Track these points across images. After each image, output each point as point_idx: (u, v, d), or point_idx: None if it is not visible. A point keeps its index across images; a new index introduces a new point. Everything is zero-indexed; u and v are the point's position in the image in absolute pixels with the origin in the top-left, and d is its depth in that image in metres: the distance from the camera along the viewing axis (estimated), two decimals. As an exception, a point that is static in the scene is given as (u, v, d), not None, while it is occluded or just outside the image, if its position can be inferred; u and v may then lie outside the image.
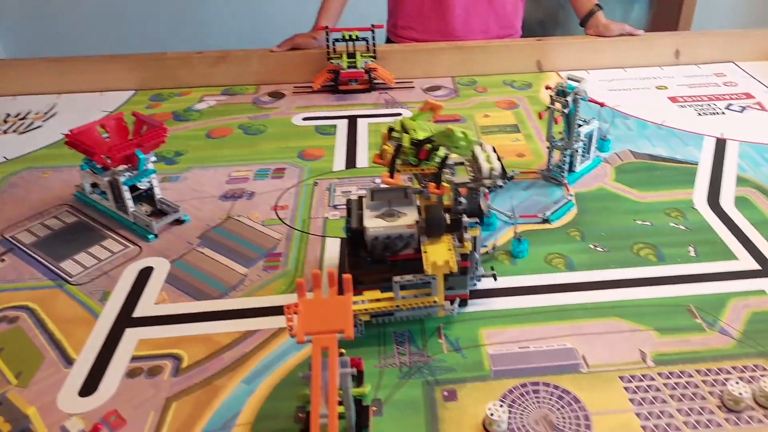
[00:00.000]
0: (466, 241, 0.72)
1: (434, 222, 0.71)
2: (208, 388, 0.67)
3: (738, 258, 0.85)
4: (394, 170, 0.74)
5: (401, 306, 0.70)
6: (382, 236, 0.71)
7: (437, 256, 0.68)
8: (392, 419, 0.63)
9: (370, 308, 0.70)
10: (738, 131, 1.18)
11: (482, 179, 0.74)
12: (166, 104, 1.32)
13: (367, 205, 0.75)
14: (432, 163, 0.73)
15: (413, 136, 0.72)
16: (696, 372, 0.68)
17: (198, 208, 0.97)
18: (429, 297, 0.70)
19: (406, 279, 0.69)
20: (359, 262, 0.73)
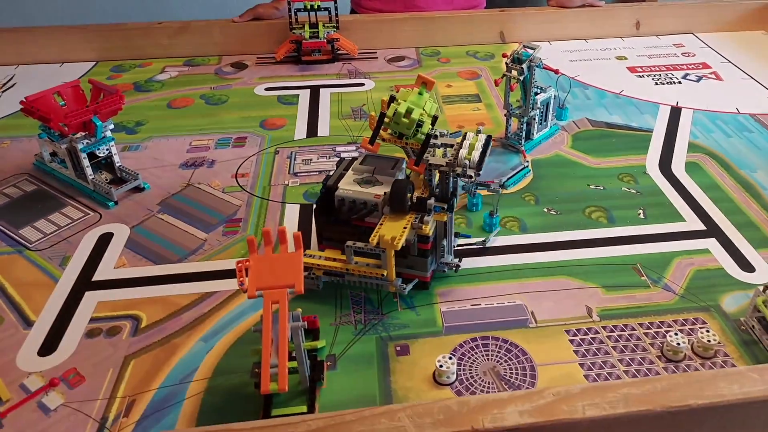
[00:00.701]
0: (425, 224, 0.70)
1: (396, 197, 0.70)
2: (167, 346, 0.69)
3: (685, 219, 0.88)
4: (375, 137, 0.75)
5: (351, 270, 0.72)
6: (348, 199, 0.72)
7: (388, 231, 0.68)
8: (345, 372, 0.65)
9: (322, 264, 0.72)
10: (693, 100, 1.21)
11: (454, 165, 0.73)
12: (127, 75, 1.32)
13: (353, 168, 0.76)
14: (416, 138, 0.74)
15: (399, 109, 0.72)
16: (639, 325, 0.71)
17: (158, 176, 0.98)
18: (379, 269, 0.71)
19: (359, 245, 0.71)
20: (326, 219, 0.74)
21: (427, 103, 0.74)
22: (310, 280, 0.74)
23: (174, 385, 0.64)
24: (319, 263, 0.72)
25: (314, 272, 0.73)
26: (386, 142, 0.77)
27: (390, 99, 0.75)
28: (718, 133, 1.10)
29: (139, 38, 1.37)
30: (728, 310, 0.73)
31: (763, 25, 1.54)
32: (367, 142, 0.76)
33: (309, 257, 0.72)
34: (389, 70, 1.35)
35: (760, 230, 0.86)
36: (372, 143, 0.76)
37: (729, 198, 0.92)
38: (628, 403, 0.54)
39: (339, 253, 0.73)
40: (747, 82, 1.29)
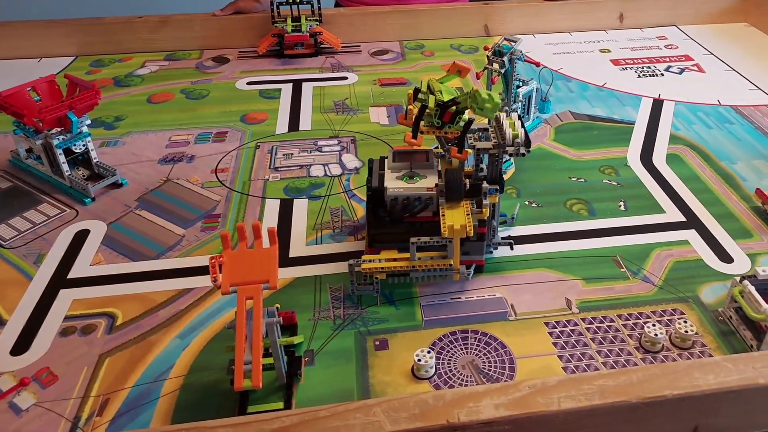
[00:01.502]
0: (484, 207, 0.71)
1: (453, 186, 0.71)
2: (142, 343, 0.68)
3: (665, 211, 0.88)
4: (417, 131, 0.74)
5: (417, 266, 0.70)
6: (401, 197, 0.71)
7: (455, 219, 0.68)
8: (323, 368, 0.65)
9: (386, 267, 0.70)
10: (675, 92, 1.21)
11: (505, 146, 0.73)
12: (107, 70, 1.30)
13: (388, 166, 0.75)
14: (456, 126, 0.73)
15: (438, 98, 0.72)
16: (617, 317, 0.71)
17: (136, 172, 0.97)
18: (445, 260, 0.70)
19: (423, 240, 0.69)
20: (378, 221, 0.73)
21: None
22: (368, 287, 0.73)
23: (149, 383, 0.63)
24: (384, 266, 0.70)
25: (376, 276, 0.71)
26: (424, 134, 0.75)
27: (414, 92, 0.75)
28: (699, 124, 1.10)
29: (118, 32, 1.35)
30: (706, 301, 0.73)
31: (746, 16, 1.55)
32: (410, 137, 0.74)
33: (369, 263, 0.70)
34: (372, 64, 1.34)
35: (739, 221, 0.86)
36: (415, 137, 0.74)
37: (709, 189, 0.93)
38: (603, 394, 0.54)
39: (395, 253, 0.72)
40: (729, 74, 1.29)
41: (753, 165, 0.98)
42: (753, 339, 0.67)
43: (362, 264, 0.70)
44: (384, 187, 0.72)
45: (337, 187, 0.93)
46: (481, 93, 0.69)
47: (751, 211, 0.88)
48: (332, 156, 1.00)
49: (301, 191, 0.92)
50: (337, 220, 0.86)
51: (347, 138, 1.06)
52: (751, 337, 0.67)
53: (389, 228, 0.73)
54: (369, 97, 1.19)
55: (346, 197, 0.91)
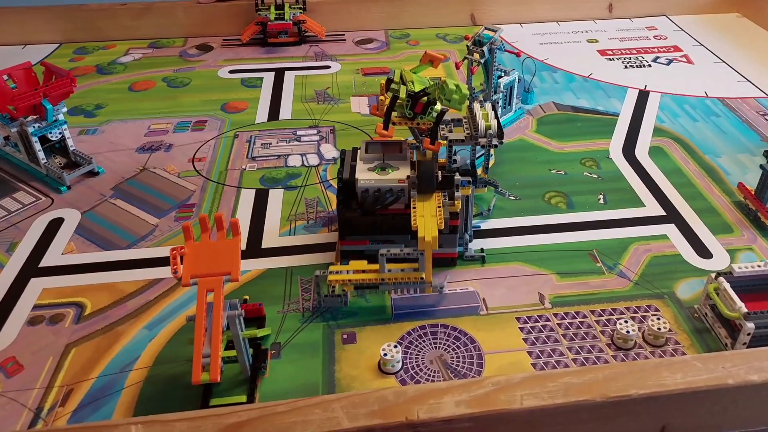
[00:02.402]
0: (456, 200, 0.71)
1: (425, 178, 0.70)
2: (110, 334, 0.67)
3: (645, 205, 0.87)
4: (388, 122, 0.73)
5: (386, 279, 0.67)
6: (372, 188, 0.70)
7: (426, 230, 0.64)
8: (290, 361, 0.64)
9: (354, 279, 0.67)
10: (662, 83, 1.20)
11: (477, 137, 0.73)
12: (90, 57, 1.29)
13: (360, 157, 0.74)
14: (428, 117, 0.73)
15: (410, 89, 0.71)
16: (590, 312, 0.71)
17: (113, 161, 0.96)
18: (416, 273, 0.67)
19: (393, 252, 0.66)
20: (349, 212, 0.72)
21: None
22: (335, 298, 0.70)
23: (114, 374, 0.63)
24: (351, 278, 0.67)
25: (344, 288, 0.68)
26: (395, 125, 0.74)
27: (387, 82, 0.73)
28: (684, 117, 1.09)
29: (102, 19, 1.34)
30: (682, 297, 0.72)
31: (738, 7, 1.53)
32: (381, 128, 0.73)
33: (336, 273, 0.67)
34: (357, 53, 1.32)
35: (720, 216, 0.85)
36: (386, 128, 0.74)
37: (691, 183, 0.92)
38: (567, 392, 0.53)
39: (365, 263, 0.68)
40: (717, 65, 1.28)
41: (737, 159, 0.97)
42: (728, 337, 0.66)
43: (329, 275, 0.67)
44: (355, 179, 0.71)
45: (314, 178, 0.92)
46: (448, 84, 0.68)
47: (733, 206, 0.87)
48: (311, 146, 0.99)
49: (278, 181, 0.91)
50: (312, 211, 0.85)
51: (327, 128, 1.05)
52: (726, 335, 0.66)
53: (360, 220, 0.72)
54: (351, 87, 1.18)
55: (322, 188, 0.90)
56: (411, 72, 0.75)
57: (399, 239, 0.74)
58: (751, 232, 0.82)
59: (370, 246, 0.74)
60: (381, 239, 0.74)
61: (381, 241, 0.74)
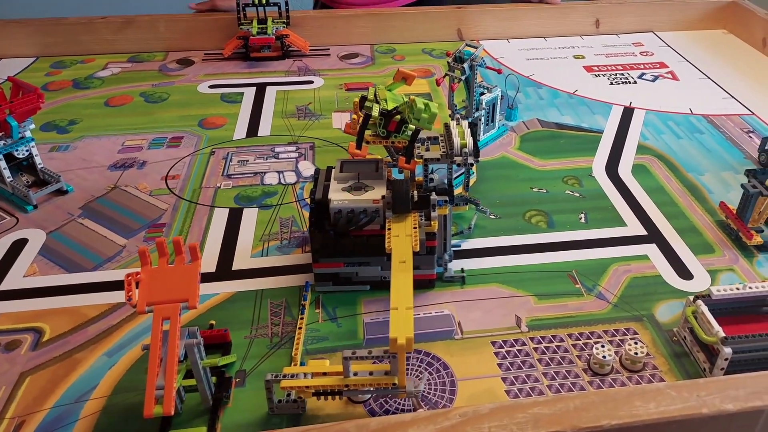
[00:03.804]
0: (433, 220, 0.69)
1: (399, 198, 0.68)
2: (67, 361, 0.65)
3: (627, 224, 0.86)
4: (361, 141, 0.71)
5: (351, 385, 0.56)
6: (345, 209, 0.68)
7: (399, 330, 0.54)
8: (255, 389, 0.62)
9: (315, 385, 0.56)
10: (646, 100, 1.19)
11: (453, 156, 0.71)
12: (68, 72, 1.27)
13: (334, 177, 0.72)
14: (403, 136, 0.71)
15: (383, 107, 0.70)
16: (567, 336, 0.69)
17: (84, 178, 0.93)
18: (387, 378, 0.57)
19: (359, 354, 0.56)
20: (322, 235, 0.70)
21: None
22: (292, 404, 0.59)
23: (69, 404, 0.60)
24: (309, 383, 0.56)
25: (301, 395, 0.58)
26: (369, 144, 0.73)
27: (361, 100, 0.72)
28: (668, 134, 1.08)
29: (81, 33, 1.32)
30: (661, 320, 0.70)
31: (725, 23, 1.52)
32: (354, 147, 0.72)
33: (291, 378, 0.56)
34: (340, 68, 1.31)
35: (702, 235, 0.83)
36: (359, 147, 0.72)
37: (673, 202, 0.90)
38: (537, 424, 0.51)
39: (326, 364, 0.61)
40: (703, 82, 1.27)
41: (720, 177, 0.96)
42: (706, 362, 0.64)
43: (282, 381, 0.56)
44: (328, 199, 0.69)
45: (291, 196, 0.90)
46: (417, 103, 0.66)
47: (715, 225, 0.85)
48: (288, 163, 0.97)
49: (252, 200, 0.89)
50: (286, 231, 0.83)
51: (306, 144, 1.03)
52: (704, 360, 0.64)
53: (333, 242, 0.70)
54: (333, 102, 1.16)
55: (298, 206, 0.88)
56: (385, 89, 0.73)
57: (374, 261, 0.72)
58: (732, 253, 0.80)
59: (344, 269, 0.72)
60: (356, 261, 0.72)
61: (356, 263, 0.72)
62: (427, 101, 0.67)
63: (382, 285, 0.73)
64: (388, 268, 0.71)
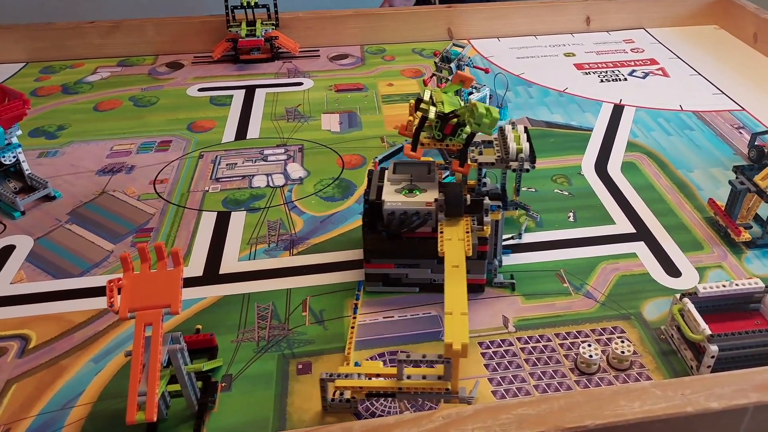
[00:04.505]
0: (486, 225, 0.69)
1: (453, 202, 0.68)
2: (54, 368, 0.65)
3: (615, 222, 0.86)
4: (417, 143, 0.71)
5: (405, 388, 0.57)
6: (398, 211, 0.68)
7: (454, 335, 0.55)
8: (240, 394, 0.62)
9: (368, 386, 0.57)
10: (637, 97, 1.19)
11: (508, 161, 0.71)
12: (57, 77, 1.27)
13: (387, 178, 0.72)
14: (458, 139, 0.71)
15: (440, 109, 0.70)
16: (555, 336, 0.68)
17: (72, 184, 0.93)
18: (441, 382, 0.57)
19: (414, 357, 0.56)
20: (374, 236, 0.70)
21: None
22: (344, 403, 0.59)
23: (55, 411, 0.60)
24: (363, 384, 0.57)
25: (354, 396, 0.58)
26: (425, 147, 0.72)
27: (417, 102, 0.72)
28: (658, 131, 1.07)
29: (70, 38, 1.32)
30: (649, 318, 0.70)
31: (716, 19, 1.52)
32: (410, 149, 0.71)
33: (345, 378, 0.57)
34: (330, 69, 1.31)
35: (691, 233, 0.83)
36: (415, 149, 0.71)
37: (662, 199, 0.90)
38: (521, 425, 0.51)
39: (380, 366, 0.61)
40: (694, 78, 1.27)
41: (710, 173, 0.95)
42: (693, 359, 0.64)
43: (336, 380, 0.57)
44: (381, 201, 0.69)
45: (279, 199, 0.90)
46: (478, 107, 0.65)
47: (704, 222, 0.85)
48: (277, 165, 0.97)
49: (240, 203, 0.89)
50: (274, 234, 0.83)
51: (295, 146, 1.03)
52: (692, 358, 0.64)
53: (386, 243, 0.70)
54: (323, 104, 1.16)
55: (286, 209, 0.88)
56: (441, 92, 0.73)
57: (424, 263, 0.72)
58: (721, 249, 0.80)
59: (394, 270, 0.72)
60: (406, 263, 0.72)
61: (406, 265, 0.72)
62: (488, 106, 0.67)
63: (431, 288, 0.73)
64: (438, 271, 0.71)
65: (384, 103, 1.17)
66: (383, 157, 0.98)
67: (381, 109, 1.15)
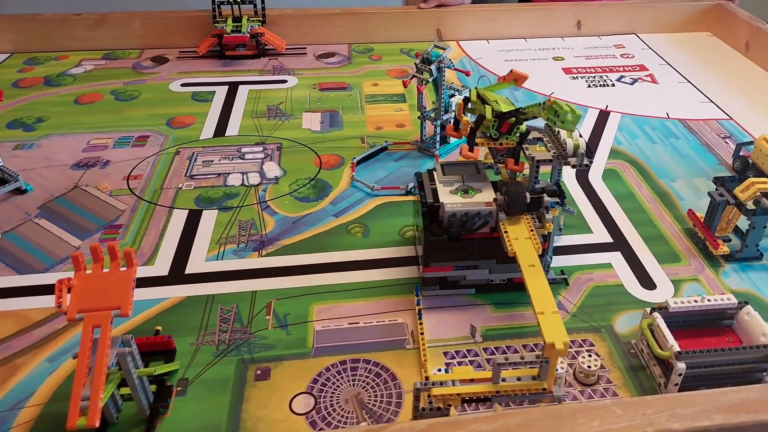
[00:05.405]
0: (547, 222, 0.68)
1: (516, 200, 0.66)
2: (8, 366, 0.63)
3: (593, 231, 0.84)
4: (473, 143, 0.70)
5: (502, 391, 0.55)
6: (459, 213, 0.67)
7: (554, 335, 0.54)
8: (195, 399, 0.60)
9: (465, 393, 0.54)
10: (623, 103, 1.17)
11: (567, 157, 0.69)
12: (41, 68, 1.25)
13: (439, 180, 0.71)
14: (512, 137, 0.69)
15: (495, 108, 0.68)
16: (522, 347, 0.67)
17: (45, 177, 0.92)
18: (536, 383, 0.55)
19: (512, 359, 0.54)
20: (435, 238, 0.68)
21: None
22: (435, 411, 0.56)
23: (5, 412, 0.59)
24: (460, 391, 0.54)
25: (450, 403, 0.55)
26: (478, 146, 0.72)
27: (464, 101, 0.71)
28: (643, 138, 1.06)
29: (56, 30, 1.30)
30: (621, 331, 0.69)
31: (709, 26, 1.51)
32: (467, 150, 0.70)
33: (439, 386, 0.54)
34: (316, 67, 1.29)
35: (669, 244, 0.82)
36: (472, 149, 0.70)
37: (642, 209, 0.88)
38: (474, 441, 0.49)
39: (470, 370, 0.57)
40: (682, 85, 1.25)
41: (692, 183, 0.94)
42: (662, 376, 0.62)
43: (432, 389, 0.55)
44: (441, 203, 0.68)
45: (253, 198, 0.88)
46: (561, 105, 0.64)
47: (683, 233, 0.84)
48: (254, 164, 0.96)
49: (213, 201, 0.87)
50: (245, 234, 0.81)
51: (274, 145, 1.01)
52: (660, 374, 0.63)
53: (446, 246, 0.69)
54: (306, 102, 1.15)
55: (259, 209, 0.86)
56: (488, 90, 0.72)
57: (483, 264, 0.71)
58: (698, 262, 0.79)
59: (452, 272, 0.71)
60: (465, 265, 0.71)
61: (465, 267, 0.71)
62: (568, 103, 0.65)
63: (486, 288, 0.73)
64: (496, 272, 0.71)
65: (367, 103, 1.16)
66: (362, 158, 0.97)
67: (364, 109, 1.13)
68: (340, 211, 0.86)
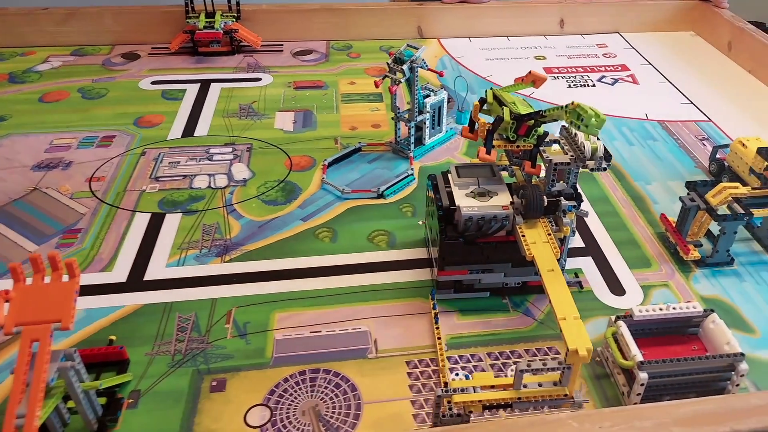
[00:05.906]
0: (565, 226, 0.66)
1: (534, 204, 0.65)
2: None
3: (565, 235, 0.82)
4: (491, 145, 0.68)
5: (523, 397, 0.55)
6: (476, 216, 0.65)
7: (577, 341, 0.53)
8: (147, 411, 0.58)
9: (486, 399, 0.54)
10: (603, 104, 1.16)
11: (585, 160, 0.68)
12: (5, 64, 1.22)
13: (454, 182, 0.70)
14: (530, 140, 0.68)
15: (513, 110, 0.67)
16: (487, 355, 0.65)
17: (3, 179, 0.89)
18: (558, 389, 0.55)
19: (533, 365, 0.54)
20: (451, 242, 0.67)
21: None
22: (456, 418, 0.55)
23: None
24: (481, 397, 0.54)
25: (472, 410, 0.55)
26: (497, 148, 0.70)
27: (481, 102, 0.70)
28: (620, 140, 1.05)
29: (22, 25, 1.27)
30: (587, 339, 0.67)
31: (693, 25, 1.49)
32: (484, 152, 0.69)
33: (460, 393, 0.54)
34: (292, 65, 1.27)
35: (641, 248, 0.80)
36: (489, 152, 0.69)
37: (616, 212, 0.87)
38: (427, 458, 0.48)
39: (491, 376, 0.58)
40: (663, 86, 1.24)
41: (668, 186, 0.93)
42: (625, 385, 0.61)
43: (454, 396, 0.54)
44: (457, 206, 0.66)
45: (219, 201, 0.86)
46: (584, 108, 0.62)
47: (656, 238, 0.82)
48: (222, 165, 0.94)
49: (178, 205, 0.85)
50: (208, 238, 0.79)
51: (244, 145, 0.99)
52: (624, 383, 0.61)
53: (462, 249, 0.68)
54: (279, 101, 1.13)
55: (224, 212, 0.84)
56: (504, 91, 0.70)
57: (498, 268, 0.70)
58: (669, 267, 0.77)
59: (468, 276, 0.70)
60: (480, 268, 0.70)
61: (480, 270, 0.70)
62: (591, 107, 0.63)
63: (500, 292, 0.72)
64: (511, 275, 0.71)
65: (343, 102, 1.14)
66: (333, 160, 0.95)
67: (339, 108, 1.11)
68: (309, 214, 0.84)
